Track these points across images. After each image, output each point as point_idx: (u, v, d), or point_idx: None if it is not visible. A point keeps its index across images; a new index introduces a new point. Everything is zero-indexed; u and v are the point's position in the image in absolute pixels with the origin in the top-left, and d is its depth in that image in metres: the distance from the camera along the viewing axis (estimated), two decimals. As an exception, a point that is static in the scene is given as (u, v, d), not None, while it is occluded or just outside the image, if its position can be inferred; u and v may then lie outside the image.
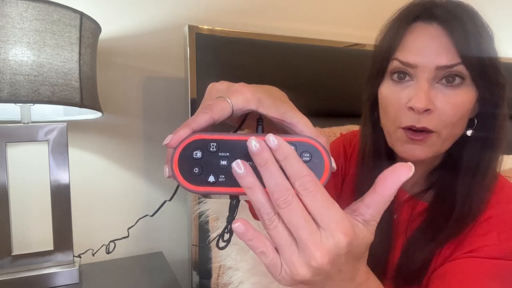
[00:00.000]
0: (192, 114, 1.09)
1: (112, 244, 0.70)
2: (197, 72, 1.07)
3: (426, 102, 0.49)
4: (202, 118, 0.30)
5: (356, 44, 1.27)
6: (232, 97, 0.32)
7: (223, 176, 0.30)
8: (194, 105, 1.08)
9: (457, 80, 0.50)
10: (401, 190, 0.64)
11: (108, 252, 0.70)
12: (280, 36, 1.17)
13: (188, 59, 1.06)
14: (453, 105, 0.50)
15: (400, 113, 0.53)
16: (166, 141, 0.30)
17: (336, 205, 0.29)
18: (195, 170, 0.30)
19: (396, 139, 0.55)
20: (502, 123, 0.55)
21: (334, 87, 1.21)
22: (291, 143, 0.30)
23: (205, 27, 1.08)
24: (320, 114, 1.22)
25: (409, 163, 0.29)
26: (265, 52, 1.13)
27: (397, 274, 0.57)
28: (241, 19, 1.24)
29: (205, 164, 0.30)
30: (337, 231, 0.28)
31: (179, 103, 1.20)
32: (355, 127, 1.16)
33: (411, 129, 0.52)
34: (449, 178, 0.57)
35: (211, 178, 0.29)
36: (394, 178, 0.29)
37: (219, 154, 0.30)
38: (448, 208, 0.55)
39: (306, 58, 1.17)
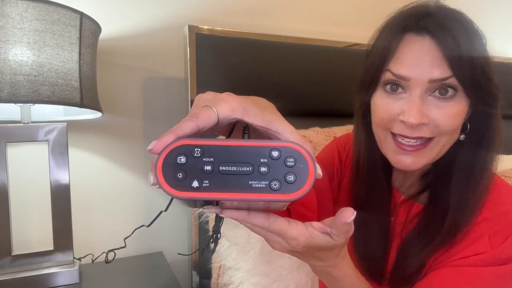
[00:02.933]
0: (192, 114, 1.09)
1: (111, 253, 0.70)
2: (197, 72, 1.07)
3: (418, 117, 0.50)
4: (187, 125, 0.31)
5: (356, 44, 1.27)
6: (218, 106, 0.32)
7: (207, 181, 0.29)
8: (194, 105, 1.08)
9: (450, 92, 0.50)
10: (397, 192, 0.64)
11: (107, 262, 0.70)
12: (280, 36, 1.17)
13: (188, 59, 1.06)
14: (448, 116, 0.51)
15: (392, 123, 0.53)
16: (149, 147, 0.30)
17: (293, 226, 0.37)
18: (179, 175, 0.29)
19: (386, 147, 0.56)
20: (495, 127, 0.55)
21: (334, 87, 1.21)
22: (275, 148, 0.30)
23: (205, 27, 1.08)
24: (320, 114, 1.22)
25: (350, 209, 0.36)
26: (265, 52, 1.13)
27: (392, 276, 0.57)
28: (241, 19, 1.24)
29: (189, 170, 0.29)
30: (291, 240, 0.37)
31: (179, 103, 1.20)
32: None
33: (402, 136, 0.52)
34: (443, 180, 0.56)
35: (195, 184, 0.29)
36: (342, 217, 0.36)
37: (203, 159, 0.30)
38: (442, 211, 0.55)
39: (306, 58, 1.17)
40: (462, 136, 0.55)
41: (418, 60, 0.50)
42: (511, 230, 0.50)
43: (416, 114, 0.50)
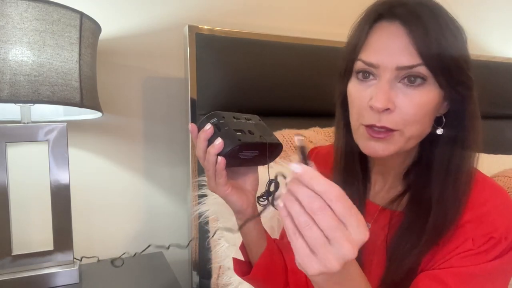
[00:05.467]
0: (192, 114, 1.09)
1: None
2: (197, 72, 1.07)
3: (384, 102, 0.50)
4: None
5: (356, 44, 1.27)
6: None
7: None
8: (194, 105, 1.08)
9: (418, 80, 0.50)
10: (372, 204, 0.62)
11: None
12: (280, 36, 1.17)
13: (188, 59, 1.06)
14: (414, 104, 0.50)
15: (363, 111, 0.53)
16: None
17: (354, 207, 0.36)
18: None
19: (359, 136, 0.55)
20: (472, 121, 0.54)
21: (334, 87, 1.21)
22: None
23: (205, 27, 1.08)
24: (320, 114, 1.22)
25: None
26: (265, 52, 1.13)
27: (383, 283, 0.56)
28: (241, 19, 1.24)
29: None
30: (360, 226, 0.36)
31: (179, 103, 1.20)
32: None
33: (372, 127, 0.52)
34: (424, 179, 0.56)
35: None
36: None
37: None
38: (425, 210, 0.54)
39: (306, 58, 1.17)
40: (439, 130, 0.54)
41: (386, 46, 0.51)
42: (493, 230, 0.50)
43: (382, 99, 0.50)
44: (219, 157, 0.52)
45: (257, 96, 1.12)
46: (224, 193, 0.57)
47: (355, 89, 0.55)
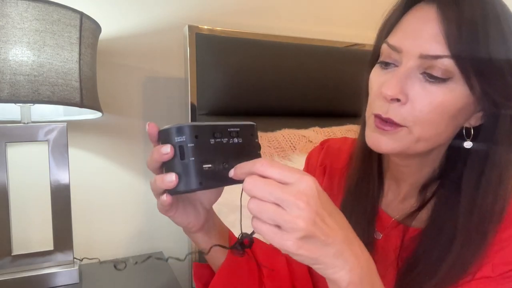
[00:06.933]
0: (192, 114, 1.09)
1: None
2: (197, 72, 1.07)
3: (394, 90, 0.44)
4: None
5: (356, 44, 1.27)
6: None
7: None
8: (194, 105, 1.08)
9: (442, 75, 0.43)
10: (384, 214, 0.57)
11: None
12: (280, 36, 1.17)
13: (188, 59, 1.06)
14: (430, 102, 0.43)
15: (375, 99, 0.48)
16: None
17: (287, 166, 0.36)
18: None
19: (367, 127, 0.50)
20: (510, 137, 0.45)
21: (334, 87, 1.21)
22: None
23: (205, 27, 1.08)
24: (320, 114, 1.22)
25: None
26: (265, 52, 1.13)
27: None
28: (241, 19, 1.24)
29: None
30: (302, 176, 0.35)
31: (179, 103, 1.20)
32: (355, 127, 1.16)
33: (379, 117, 0.47)
34: (445, 198, 0.49)
35: None
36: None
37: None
38: (446, 237, 0.47)
39: (306, 58, 1.17)
40: (467, 143, 0.47)
41: (416, 30, 0.44)
42: None
43: (393, 86, 0.43)
44: (165, 195, 0.41)
45: (257, 96, 1.12)
46: (166, 215, 0.47)
47: (374, 75, 0.49)
